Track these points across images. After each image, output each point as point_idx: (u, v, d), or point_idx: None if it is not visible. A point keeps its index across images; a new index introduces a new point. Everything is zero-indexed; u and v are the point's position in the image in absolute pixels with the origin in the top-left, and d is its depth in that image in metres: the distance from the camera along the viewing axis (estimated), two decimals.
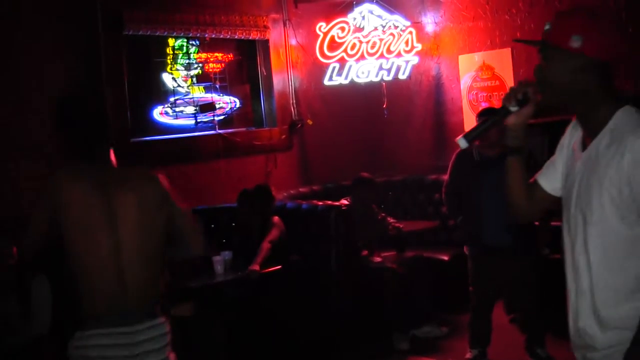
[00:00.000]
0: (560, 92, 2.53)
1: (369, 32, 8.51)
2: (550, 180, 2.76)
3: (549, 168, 2.78)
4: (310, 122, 8.71)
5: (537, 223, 5.81)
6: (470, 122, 8.11)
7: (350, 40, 8.47)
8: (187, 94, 7.98)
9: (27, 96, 6.37)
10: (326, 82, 8.61)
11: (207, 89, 8.15)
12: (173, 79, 7.88)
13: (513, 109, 2.60)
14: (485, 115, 5.21)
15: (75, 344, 3.21)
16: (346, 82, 8.54)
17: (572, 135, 2.69)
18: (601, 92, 2.49)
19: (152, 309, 3.29)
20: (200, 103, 7.97)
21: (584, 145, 2.57)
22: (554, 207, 2.76)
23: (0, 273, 5.18)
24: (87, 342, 3.17)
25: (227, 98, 8.32)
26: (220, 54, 8.30)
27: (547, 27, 2.54)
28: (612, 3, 7.11)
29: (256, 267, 6.01)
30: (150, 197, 3.31)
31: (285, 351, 5.99)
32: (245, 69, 8.66)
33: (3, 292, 5.16)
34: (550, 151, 2.80)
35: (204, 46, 8.12)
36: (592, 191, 2.45)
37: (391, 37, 8.50)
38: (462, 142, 2.61)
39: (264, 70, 8.56)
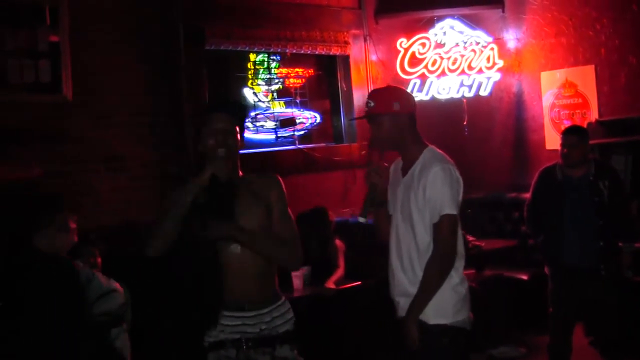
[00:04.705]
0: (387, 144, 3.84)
1: (450, 48, 8.47)
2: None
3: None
4: None
5: (620, 244, 5.67)
6: (552, 140, 7.99)
7: (431, 57, 8.45)
8: (267, 109, 8.07)
9: (108, 110, 6.51)
10: None
11: (288, 104, 8.22)
12: (254, 93, 7.97)
13: (375, 181, 3.74)
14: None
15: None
16: (427, 98, 8.51)
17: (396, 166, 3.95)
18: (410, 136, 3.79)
19: None
20: (280, 118, 8.04)
21: (404, 172, 3.81)
22: None
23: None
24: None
25: (307, 113, 8.37)
26: (301, 69, 8.37)
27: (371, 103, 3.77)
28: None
29: (332, 285, 6.10)
30: None
31: None
32: (325, 85, 8.70)
33: None
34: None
35: (285, 61, 8.20)
36: (410, 202, 3.67)
37: (472, 53, 8.45)
38: (361, 219, 3.66)
39: (344, 86, 8.58)
